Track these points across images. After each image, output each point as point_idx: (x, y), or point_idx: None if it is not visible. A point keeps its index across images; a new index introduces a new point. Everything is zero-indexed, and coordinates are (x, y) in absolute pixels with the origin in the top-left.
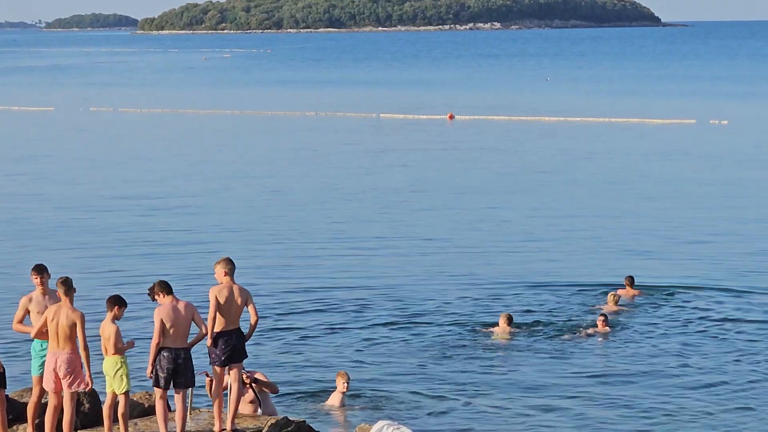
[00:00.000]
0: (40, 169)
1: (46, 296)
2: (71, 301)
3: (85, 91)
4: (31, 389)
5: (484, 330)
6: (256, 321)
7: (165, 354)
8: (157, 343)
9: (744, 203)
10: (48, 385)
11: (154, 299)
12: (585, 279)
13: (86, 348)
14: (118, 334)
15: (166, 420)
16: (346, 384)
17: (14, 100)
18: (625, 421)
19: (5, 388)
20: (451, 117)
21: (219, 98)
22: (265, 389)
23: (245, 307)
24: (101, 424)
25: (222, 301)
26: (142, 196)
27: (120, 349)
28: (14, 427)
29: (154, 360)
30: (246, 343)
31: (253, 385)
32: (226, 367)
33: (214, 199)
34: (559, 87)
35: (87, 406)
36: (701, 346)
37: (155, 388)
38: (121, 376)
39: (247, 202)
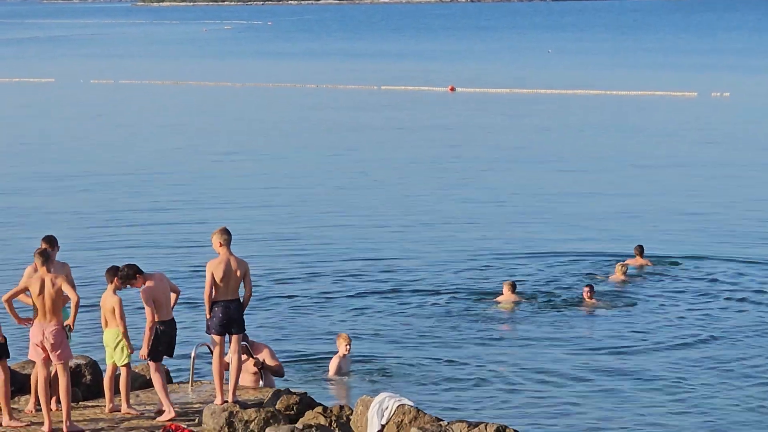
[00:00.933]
0: (41, 140)
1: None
2: (49, 270)
3: (85, 63)
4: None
5: (488, 299)
6: (250, 294)
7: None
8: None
9: (751, 174)
10: (35, 356)
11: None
12: (592, 249)
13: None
14: (121, 305)
15: (166, 390)
16: (347, 346)
17: (14, 71)
18: (631, 393)
19: (8, 358)
20: (452, 89)
21: (220, 70)
22: (270, 373)
23: (243, 279)
24: (103, 395)
25: (219, 274)
26: (142, 167)
27: (122, 320)
28: (16, 399)
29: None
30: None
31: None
32: (225, 338)
33: (214, 170)
34: (560, 60)
35: (88, 377)
36: (712, 316)
37: (150, 362)
38: (122, 347)
39: (245, 172)
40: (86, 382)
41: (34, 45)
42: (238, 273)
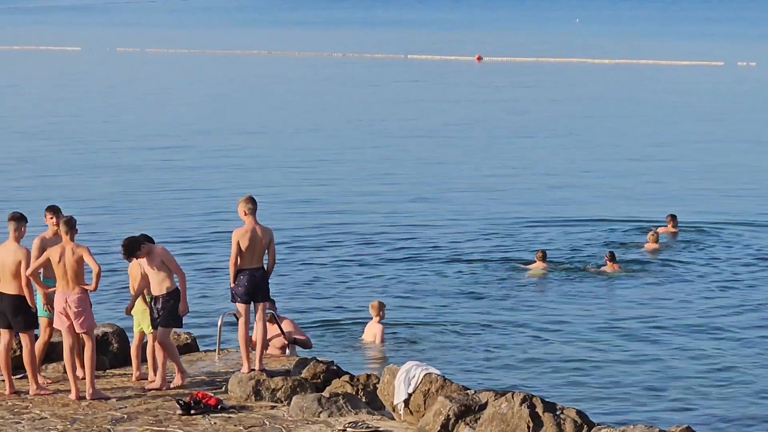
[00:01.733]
0: (66, 108)
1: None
2: (72, 239)
3: (110, 30)
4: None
5: (519, 267)
6: (274, 262)
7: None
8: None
9: None
10: (59, 324)
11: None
12: (625, 216)
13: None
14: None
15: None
16: (381, 313)
17: (40, 39)
18: (662, 362)
19: (36, 328)
20: (479, 58)
21: (245, 38)
22: (299, 346)
23: (267, 247)
24: (130, 363)
25: (244, 243)
26: (167, 133)
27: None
28: (44, 366)
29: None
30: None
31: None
32: (251, 307)
33: (239, 137)
34: (587, 29)
35: (115, 345)
36: (744, 283)
37: (168, 327)
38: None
39: (271, 140)
40: (113, 350)
41: (59, 13)
42: (263, 241)
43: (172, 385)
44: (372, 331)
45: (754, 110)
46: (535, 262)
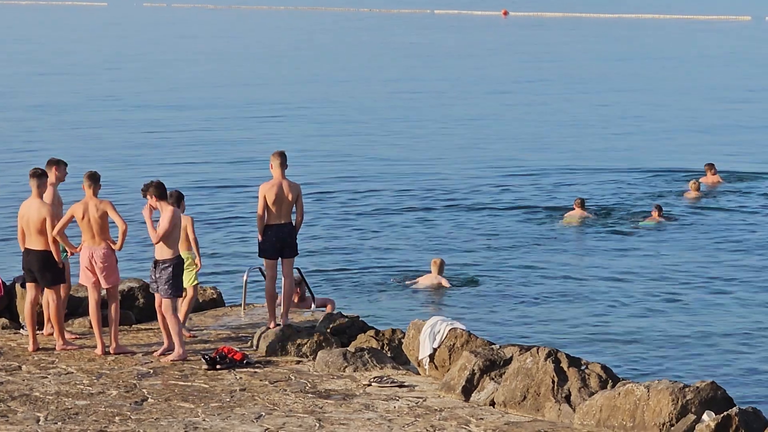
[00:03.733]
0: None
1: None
2: (95, 194)
3: None
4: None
5: (556, 215)
6: (302, 218)
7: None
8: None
9: None
10: (85, 280)
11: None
12: (664, 166)
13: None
14: (193, 225)
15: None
16: (440, 269)
17: None
18: (694, 316)
19: (63, 283)
20: (506, 13)
21: None
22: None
23: (295, 202)
24: (156, 318)
25: (271, 197)
26: (194, 87)
27: (195, 239)
28: (69, 321)
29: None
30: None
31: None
32: (278, 262)
33: (269, 91)
34: None
35: (141, 300)
36: None
37: (174, 297)
38: (192, 268)
39: (301, 95)
40: (139, 305)
41: None
42: (290, 197)
43: (168, 357)
44: (426, 283)
45: None
46: (573, 209)
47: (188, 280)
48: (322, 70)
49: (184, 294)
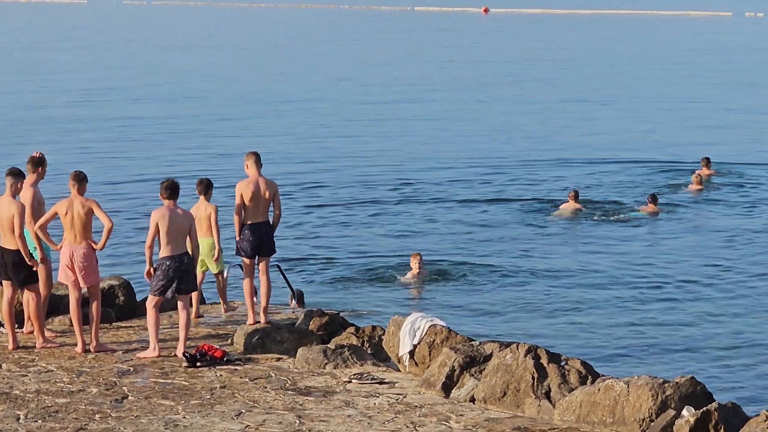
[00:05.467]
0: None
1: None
2: (81, 193)
3: None
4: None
5: (551, 207)
6: (280, 215)
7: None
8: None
9: None
10: (65, 278)
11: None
12: (660, 158)
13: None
14: (216, 213)
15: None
16: (419, 264)
17: None
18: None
19: (37, 282)
20: (486, 10)
21: None
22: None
23: (272, 200)
24: (137, 315)
25: (247, 195)
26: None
27: (218, 228)
28: (50, 320)
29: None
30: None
31: None
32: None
33: (249, 86)
34: None
35: (122, 298)
36: None
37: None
38: (217, 256)
39: (283, 91)
40: (120, 303)
41: None
42: (267, 194)
43: (140, 355)
44: (408, 281)
45: (762, 60)
46: (568, 201)
47: (215, 267)
48: (302, 65)
49: (199, 287)
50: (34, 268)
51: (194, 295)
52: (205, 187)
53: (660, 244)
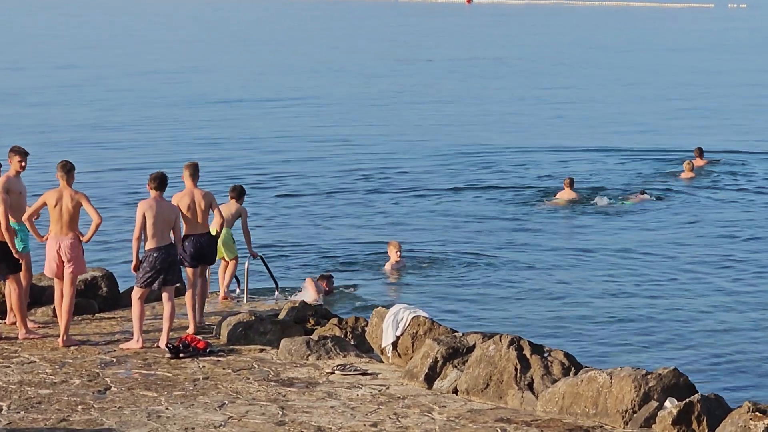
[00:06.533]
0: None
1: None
2: (70, 185)
3: None
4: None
5: (546, 196)
6: (222, 221)
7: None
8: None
9: None
10: (50, 271)
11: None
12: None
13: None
14: (246, 216)
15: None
16: (398, 253)
17: None
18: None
19: (21, 271)
20: (469, 1)
21: None
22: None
23: (210, 209)
24: (120, 307)
25: (184, 207)
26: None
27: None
28: (32, 311)
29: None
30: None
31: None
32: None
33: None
34: None
35: (104, 289)
36: None
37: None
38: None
39: (270, 84)
40: (102, 294)
41: None
42: (202, 205)
43: (123, 346)
44: (389, 270)
45: (744, 51)
46: (563, 190)
47: (230, 254)
48: (285, 57)
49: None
50: (21, 261)
51: (226, 276)
52: (238, 194)
53: (647, 235)
